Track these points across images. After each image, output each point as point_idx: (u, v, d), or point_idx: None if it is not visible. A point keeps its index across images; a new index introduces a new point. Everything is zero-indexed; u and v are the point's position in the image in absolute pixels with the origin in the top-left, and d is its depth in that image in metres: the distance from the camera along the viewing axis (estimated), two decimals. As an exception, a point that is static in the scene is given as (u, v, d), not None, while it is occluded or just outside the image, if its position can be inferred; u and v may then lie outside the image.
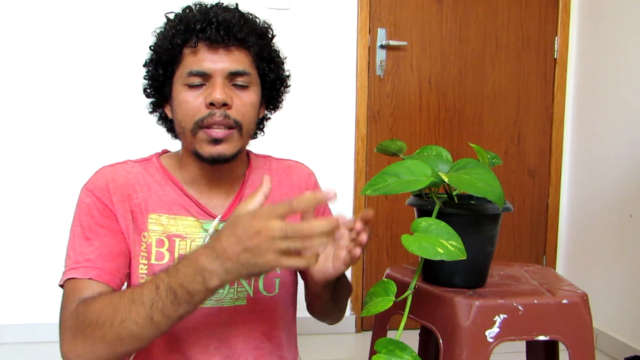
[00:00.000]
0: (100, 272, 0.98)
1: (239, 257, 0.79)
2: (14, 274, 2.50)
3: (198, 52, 1.01)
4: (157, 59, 1.06)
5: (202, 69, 1.01)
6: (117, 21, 2.50)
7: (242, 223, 0.79)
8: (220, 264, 0.80)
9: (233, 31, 1.01)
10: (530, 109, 2.85)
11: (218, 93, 1.00)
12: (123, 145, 2.50)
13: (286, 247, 0.77)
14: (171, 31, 1.03)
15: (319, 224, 0.78)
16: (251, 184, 1.13)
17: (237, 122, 1.03)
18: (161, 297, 0.84)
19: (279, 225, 0.77)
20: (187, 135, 1.04)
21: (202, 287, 0.82)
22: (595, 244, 2.68)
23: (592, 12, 2.72)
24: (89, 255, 1.00)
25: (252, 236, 0.77)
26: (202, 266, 0.81)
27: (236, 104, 1.03)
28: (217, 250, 0.80)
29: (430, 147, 1.14)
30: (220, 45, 1.01)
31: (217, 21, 1.00)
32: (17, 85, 2.47)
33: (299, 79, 2.60)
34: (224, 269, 0.80)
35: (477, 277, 1.05)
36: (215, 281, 0.81)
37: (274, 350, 1.12)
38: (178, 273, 0.83)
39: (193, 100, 1.02)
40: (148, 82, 1.10)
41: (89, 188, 1.05)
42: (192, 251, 0.86)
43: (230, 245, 0.79)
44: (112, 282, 1.00)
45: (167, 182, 1.09)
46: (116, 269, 1.01)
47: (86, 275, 0.97)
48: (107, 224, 1.02)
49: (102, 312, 0.88)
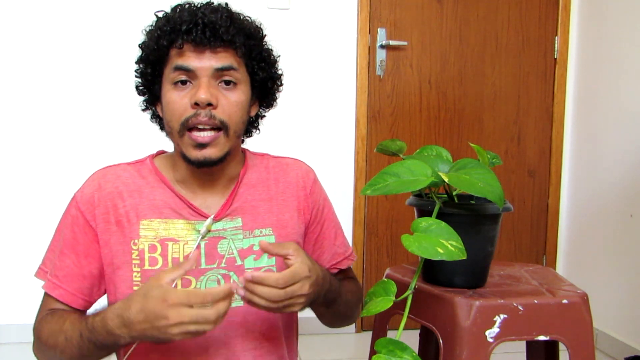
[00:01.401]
0: (64, 293, 1.06)
1: (145, 331, 0.87)
2: (14, 274, 2.50)
3: (184, 53, 1.01)
4: (146, 58, 1.06)
5: (186, 65, 1.01)
6: (112, 20, 2.50)
7: (152, 302, 0.86)
8: (127, 332, 0.89)
9: (219, 32, 1.00)
10: (530, 109, 2.85)
11: (202, 93, 0.99)
12: (121, 145, 2.50)
13: (194, 330, 0.85)
14: (157, 31, 1.03)
15: (223, 308, 0.87)
16: (246, 183, 1.13)
17: (223, 122, 1.02)
18: (85, 343, 0.95)
19: (189, 314, 0.84)
20: (175, 136, 1.04)
21: (114, 344, 0.93)
22: (595, 244, 2.68)
23: (592, 12, 2.72)
24: (58, 271, 1.07)
25: (159, 318, 0.85)
26: (111, 330, 0.90)
27: (222, 104, 1.02)
28: (125, 321, 0.89)
29: (430, 147, 1.14)
30: (207, 47, 1.01)
31: (203, 23, 1.00)
32: (14, 85, 2.47)
33: (299, 79, 2.61)
34: (130, 336, 0.90)
35: (477, 277, 1.05)
36: (125, 340, 0.91)
37: (274, 350, 1.12)
38: (94, 331, 0.93)
39: (179, 100, 1.02)
40: (138, 80, 1.11)
41: (77, 198, 1.08)
42: (104, 312, 0.93)
43: (138, 320, 0.87)
44: (73, 302, 1.07)
45: (158, 184, 1.09)
46: (79, 290, 1.07)
47: (51, 292, 1.07)
48: (85, 242, 1.07)
49: (49, 338, 1.01)
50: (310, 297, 0.96)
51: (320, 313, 1.13)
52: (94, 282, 1.08)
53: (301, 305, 0.96)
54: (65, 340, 0.98)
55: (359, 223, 2.73)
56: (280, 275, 0.91)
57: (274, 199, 1.14)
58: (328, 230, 1.20)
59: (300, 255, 0.95)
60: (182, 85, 1.02)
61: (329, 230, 1.20)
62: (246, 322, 1.09)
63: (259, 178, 1.15)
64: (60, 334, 0.99)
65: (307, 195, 1.17)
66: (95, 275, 1.08)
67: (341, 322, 1.20)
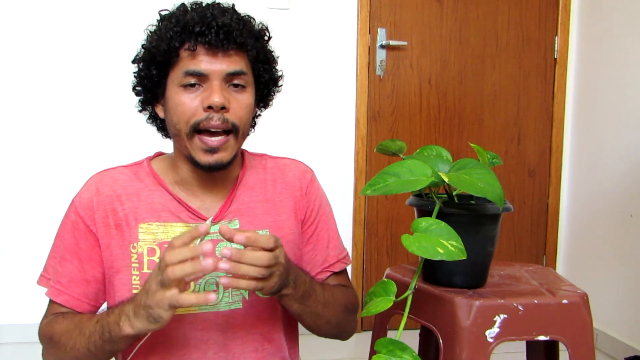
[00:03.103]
0: (69, 299, 1.06)
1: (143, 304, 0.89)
2: (14, 274, 2.50)
3: (197, 55, 1.00)
4: (151, 59, 1.03)
5: (199, 69, 0.99)
6: (109, 22, 2.50)
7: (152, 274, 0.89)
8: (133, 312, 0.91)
9: (232, 35, 0.99)
10: (530, 109, 2.85)
11: (217, 96, 0.98)
12: (119, 146, 2.50)
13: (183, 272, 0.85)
14: (169, 33, 1.00)
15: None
16: (244, 185, 1.12)
17: (235, 125, 1.01)
18: (97, 331, 0.96)
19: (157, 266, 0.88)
20: (182, 138, 1.02)
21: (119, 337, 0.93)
22: (595, 244, 2.68)
23: (592, 12, 2.72)
24: (62, 278, 1.07)
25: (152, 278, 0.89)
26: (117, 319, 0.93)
27: (233, 107, 1.01)
28: (134, 301, 0.92)
29: (430, 147, 1.14)
30: (219, 50, 0.99)
31: (216, 25, 0.98)
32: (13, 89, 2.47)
33: (299, 79, 2.61)
34: (132, 326, 0.91)
35: (477, 277, 1.05)
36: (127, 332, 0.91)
37: (275, 352, 1.11)
38: (109, 316, 0.95)
39: (189, 102, 1.00)
40: (138, 80, 1.08)
41: (76, 203, 1.08)
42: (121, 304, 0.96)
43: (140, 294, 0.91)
44: (79, 307, 1.07)
45: (156, 187, 1.09)
46: (84, 295, 1.07)
47: (56, 299, 1.07)
48: (87, 247, 1.07)
49: (62, 336, 1.01)
50: (285, 269, 0.94)
51: (297, 312, 1.05)
52: (99, 286, 1.08)
53: (278, 278, 0.93)
54: (79, 333, 0.99)
55: (359, 223, 2.73)
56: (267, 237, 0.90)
57: (271, 200, 1.13)
58: (322, 231, 1.18)
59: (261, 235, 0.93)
60: (191, 88, 1.01)
61: (323, 232, 1.18)
62: (246, 324, 1.08)
63: (257, 179, 1.14)
64: (76, 327, 1.00)
65: (303, 196, 1.16)
66: (99, 280, 1.08)
67: (330, 330, 1.13)
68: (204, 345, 1.06)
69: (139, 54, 1.07)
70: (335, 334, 1.17)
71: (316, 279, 1.14)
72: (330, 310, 1.09)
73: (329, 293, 1.10)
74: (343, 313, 1.14)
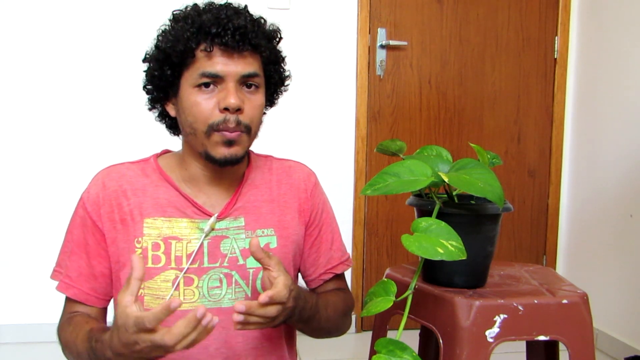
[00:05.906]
0: (78, 292, 1.09)
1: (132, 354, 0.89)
2: (13, 274, 2.50)
3: (213, 56, 1.01)
4: (165, 59, 1.03)
5: (215, 71, 1.01)
6: (115, 20, 2.50)
7: (122, 332, 0.87)
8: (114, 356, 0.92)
9: (248, 37, 1.01)
10: (530, 109, 2.85)
11: (233, 98, 1.00)
12: (125, 144, 2.50)
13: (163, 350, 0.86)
14: (185, 33, 1.01)
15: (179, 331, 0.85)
16: (250, 183, 1.14)
17: (247, 126, 1.03)
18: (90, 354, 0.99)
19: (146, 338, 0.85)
20: (198, 136, 1.03)
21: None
22: (595, 244, 2.68)
23: (592, 12, 2.72)
24: (71, 272, 1.09)
25: (133, 344, 0.86)
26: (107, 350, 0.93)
27: (247, 107, 1.03)
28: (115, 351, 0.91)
29: (430, 147, 1.14)
30: (235, 51, 1.01)
31: (232, 27, 1.00)
32: (16, 85, 2.47)
33: (299, 79, 2.59)
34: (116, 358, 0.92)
35: (477, 277, 1.05)
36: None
37: (274, 350, 1.12)
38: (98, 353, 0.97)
39: (205, 102, 1.01)
40: (150, 79, 1.08)
41: (84, 199, 1.10)
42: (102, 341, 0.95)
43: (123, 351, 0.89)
44: (88, 301, 1.10)
45: (162, 182, 1.10)
46: (93, 289, 1.09)
47: (65, 292, 1.10)
48: (94, 242, 1.08)
49: (68, 343, 1.05)
50: (292, 310, 0.97)
51: (299, 329, 1.13)
52: (107, 281, 1.10)
53: (283, 318, 0.97)
54: (78, 356, 1.03)
55: (359, 223, 2.73)
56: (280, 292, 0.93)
57: (276, 200, 1.15)
58: (326, 234, 1.20)
59: (282, 269, 0.96)
60: (206, 88, 1.02)
61: (327, 234, 1.20)
62: (247, 322, 1.09)
63: (263, 179, 1.16)
64: (74, 347, 1.03)
65: (308, 198, 1.18)
66: (106, 275, 1.10)
67: (327, 335, 1.19)
68: (206, 341, 1.06)
69: (150, 53, 1.08)
70: (330, 336, 1.21)
71: (319, 279, 1.20)
72: (331, 323, 1.14)
73: (331, 309, 1.14)
74: (341, 319, 1.18)
